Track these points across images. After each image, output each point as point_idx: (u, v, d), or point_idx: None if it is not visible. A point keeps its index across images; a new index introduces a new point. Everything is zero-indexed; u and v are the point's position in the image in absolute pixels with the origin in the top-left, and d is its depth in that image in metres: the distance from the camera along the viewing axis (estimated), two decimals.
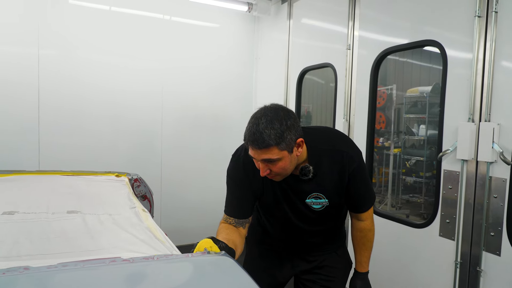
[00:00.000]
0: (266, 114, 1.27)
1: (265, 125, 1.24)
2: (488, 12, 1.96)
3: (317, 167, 1.40)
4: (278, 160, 1.28)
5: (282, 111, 1.29)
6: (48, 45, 3.27)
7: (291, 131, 1.26)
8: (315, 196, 1.45)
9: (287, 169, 1.33)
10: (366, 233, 1.61)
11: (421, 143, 5.52)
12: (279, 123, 1.25)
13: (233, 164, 1.52)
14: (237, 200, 1.51)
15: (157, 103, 3.75)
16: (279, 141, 1.24)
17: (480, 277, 1.99)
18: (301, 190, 1.45)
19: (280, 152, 1.26)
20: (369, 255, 1.65)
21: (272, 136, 1.23)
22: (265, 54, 4.13)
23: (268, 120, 1.25)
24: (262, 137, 1.23)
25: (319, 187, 1.44)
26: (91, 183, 2.16)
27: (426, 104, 5.12)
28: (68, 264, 0.84)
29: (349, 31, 2.89)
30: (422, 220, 4.80)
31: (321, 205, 1.46)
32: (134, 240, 1.29)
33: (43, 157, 3.31)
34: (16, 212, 1.55)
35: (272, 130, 1.23)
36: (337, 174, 1.43)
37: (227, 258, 0.99)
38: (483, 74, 1.99)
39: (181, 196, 3.90)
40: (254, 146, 1.26)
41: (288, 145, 1.26)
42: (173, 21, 3.80)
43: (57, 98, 3.32)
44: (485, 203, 1.97)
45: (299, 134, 1.30)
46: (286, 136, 1.25)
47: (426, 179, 5.17)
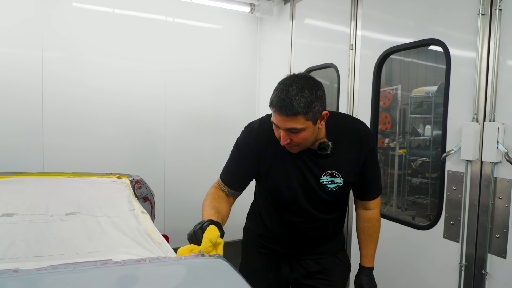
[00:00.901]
0: (296, 81, 1.25)
1: (296, 92, 1.21)
2: (492, 9, 1.92)
3: (336, 144, 1.39)
4: (302, 130, 1.26)
5: (312, 80, 1.28)
6: (52, 48, 3.29)
7: (319, 101, 1.25)
8: (331, 174, 1.41)
9: (308, 140, 1.31)
10: (374, 223, 1.58)
11: (427, 143, 5.47)
12: (309, 92, 1.23)
13: (245, 134, 1.50)
14: (238, 170, 1.48)
15: (160, 105, 3.76)
16: (307, 110, 1.22)
17: (486, 280, 1.95)
18: (316, 167, 1.41)
19: (306, 122, 1.24)
20: (375, 248, 1.62)
21: (301, 104, 1.21)
22: (268, 55, 4.12)
23: (299, 88, 1.22)
24: (291, 103, 1.21)
25: (336, 164, 1.41)
26: (91, 184, 2.16)
27: (431, 104, 5.07)
28: (58, 267, 0.83)
29: (352, 31, 2.86)
30: (428, 221, 4.75)
31: (335, 184, 1.42)
32: (130, 242, 1.28)
33: (47, 159, 3.33)
34: (15, 214, 1.55)
35: (302, 98, 1.21)
36: (355, 152, 1.42)
37: (222, 261, 0.98)
38: (487, 73, 1.95)
39: (184, 197, 3.90)
40: (282, 112, 1.23)
41: (314, 116, 1.25)
42: (176, 23, 3.80)
43: (61, 101, 3.34)
44: (490, 204, 1.93)
45: (324, 106, 1.29)
46: (315, 106, 1.23)
47: (432, 180, 5.11)
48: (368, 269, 1.61)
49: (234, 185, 1.48)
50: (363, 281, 1.59)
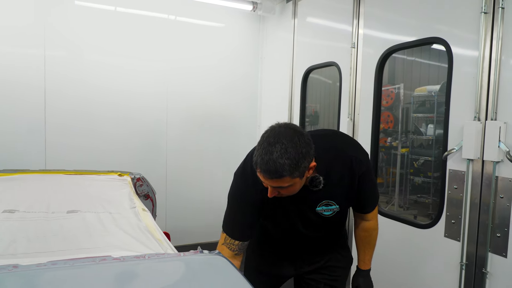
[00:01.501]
0: (280, 140, 1.17)
1: (280, 154, 1.15)
2: (495, 8, 1.91)
3: (327, 176, 1.36)
4: (290, 186, 1.23)
5: (297, 135, 1.20)
6: (54, 47, 3.30)
7: (305, 158, 1.19)
8: (326, 204, 1.42)
9: (296, 191, 1.30)
10: (371, 232, 1.62)
11: (429, 142, 5.45)
12: (295, 151, 1.16)
13: (239, 184, 1.44)
14: (243, 221, 1.44)
15: (162, 104, 3.76)
16: (293, 171, 1.17)
17: (486, 279, 1.95)
18: (311, 199, 1.41)
19: (292, 179, 1.20)
20: (372, 253, 1.66)
21: (286, 168, 1.15)
22: (270, 53, 4.11)
23: (283, 148, 1.15)
24: (275, 167, 1.15)
25: (330, 195, 1.41)
26: (93, 182, 2.17)
27: (434, 103, 5.05)
28: (57, 263, 0.84)
29: (354, 29, 2.85)
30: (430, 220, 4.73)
31: (332, 211, 1.44)
32: (131, 239, 1.29)
33: (50, 157, 3.35)
34: (17, 210, 1.56)
35: (287, 160, 1.15)
36: (347, 180, 1.40)
37: (220, 257, 0.98)
38: (489, 72, 1.94)
39: (186, 196, 3.91)
40: (267, 175, 1.19)
41: (301, 173, 1.21)
42: (178, 21, 3.80)
43: (63, 99, 3.35)
44: (491, 203, 1.92)
45: (311, 158, 1.24)
46: (301, 164, 1.18)
47: (434, 179, 5.09)
48: (365, 271, 1.65)
49: (244, 236, 1.44)
50: (360, 283, 1.64)
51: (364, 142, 2.78)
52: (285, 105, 3.77)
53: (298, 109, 3.60)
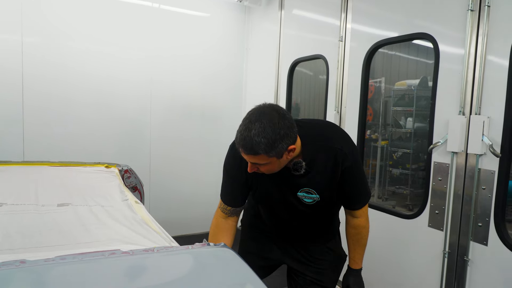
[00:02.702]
0: (260, 119, 1.21)
1: (257, 132, 1.19)
2: (481, 6, 1.98)
3: (311, 163, 1.39)
4: (266, 164, 1.28)
5: (278, 117, 1.23)
6: (32, 31, 3.17)
7: (283, 140, 1.22)
8: (307, 191, 1.45)
9: (274, 170, 1.35)
10: (360, 230, 1.60)
11: (407, 135, 5.61)
12: (272, 132, 1.20)
13: (229, 158, 1.53)
14: (232, 191, 1.56)
15: (146, 92, 3.69)
16: (268, 150, 1.21)
17: (468, 266, 2.04)
18: (293, 183, 1.45)
19: (269, 158, 1.25)
20: (362, 252, 1.65)
21: (262, 146, 1.20)
22: (255, 45, 4.10)
23: (262, 127, 1.20)
24: (251, 144, 1.20)
25: (311, 183, 1.43)
26: (80, 174, 2.12)
27: (413, 97, 5.19)
28: (66, 257, 0.82)
29: (342, 23, 2.88)
30: (408, 211, 4.90)
31: (312, 199, 1.46)
32: (130, 232, 1.27)
33: (28, 147, 3.22)
34: (4, 204, 1.50)
35: (264, 139, 1.19)
36: (330, 171, 1.42)
37: (227, 250, 0.99)
38: (475, 68, 2.01)
39: (170, 186, 3.87)
40: (243, 151, 1.25)
41: (277, 153, 1.24)
42: (162, 9, 3.72)
43: (43, 86, 3.23)
44: (474, 194, 2.01)
45: (292, 141, 1.26)
46: (278, 145, 1.22)
47: (412, 171, 5.26)
48: (355, 270, 1.65)
49: (233, 203, 1.56)
50: (350, 282, 1.63)
51: (350, 135, 2.82)
52: (271, 97, 3.77)
53: (284, 101, 3.61)
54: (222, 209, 1.57)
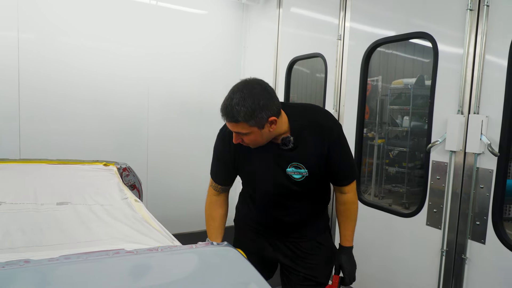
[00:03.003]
0: (242, 89, 1.31)
1: (238, 101, 1.29)
2: (480, 5, 1.98)
3: (298, 138, 1.46)
4: (248, 133, 1.36)
5: (259, 88, 1.33)
6: (29, 27, 3.13)
7: (263, 110, 1.31)
8: (296, 166, 1.49)
9: (258, 142, 1.42)
10: (350, 206, 1.63)
11: (404, 134, 5.64)
12: (252, 101, 1.29)
13: (217, 140, 1.64)
14: (221, 170, 1.65)
15: (143, 89, 3.67)
16: (248, 118, 1.30)
17: (465, 265, 2.06)
18: (283, 159, 1.50)
19: (250, 127, 1.33)
20: (353, 229, 1.68)
21: (241, 114, 1.29)
22: (253, 43, 4.08)
23: (242, 97, 1.29)
24: (232, 112, 1.30)
25: (300, 157, 1.49)
26: (78, 172, 2.10)
27: (410, 96, 5.21)
28: (71, 257, 0.81)
29: (340, 22, 2.88)
30: (404, 209, 4.93)
31: (301, 175, 1.50)
32: (132, 231, 1.26)
33: (24, 144, 3.19)
34: (3, 202, 1.48)
35: (243, 107, 1.28)
36: (318, 145, 1.48)
37: (231, 249, 0.99)
38: (473, 68, 2.02)
39: (167, 184, 3.86)
40: (225, 119, 1.36)
41: (258, 123, 1.32)
42: (159, 6, 3.70)
43: (38, 83, 3.19)
44: (472, 193, 2.02)
45: (272, 113, 1.34)
46: (257, 114, 1.30)
47: (409, 169, 5.29)
48: (347, 248, 1.66)
49: (222, 182, 1.66)
50: (342, 260, 1.65)
51: (349, 133, 2.83)
52: None
53: (282, 99, 3.61)
54: (214, 187, 1.67)
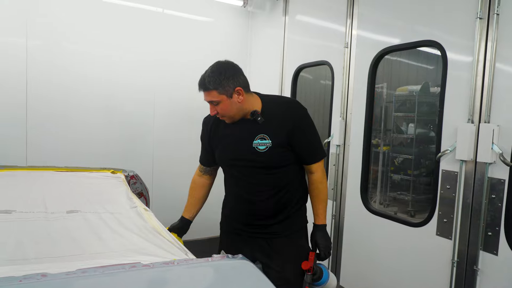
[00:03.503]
0: (213, 65, 1.66)
1: (209, 73, 1.63)
2: (490, 14, 1.98)
3: (268, 114, 1.68)
4: (219, 102, 1.63)
5: (228, 63, 1.68)
6: (37, 35, 3.15)
7: (229, 80, 1.60)
8: (261, 137, 1.68)
9: (230, 111, 1.66)
10: (317, 185, 1.78)
11: (408, 141, 5.61)
12: (219, 72, 1.60)
13: (202, 125, 1.96)
14: (203, 150, 1.98)
15: (149, 96, 3.68)
16: (216, 86, 1.60)
17: (477, 276, 2.03)
18: (250, 132, 1.70)
19: (219, 95, 1.61)
20: (324, 207, 1.81)
21: (211, 82, 1.60)
22: (259, 50, 4.09)
23: (213, 70, 1.63)
24: (204, 81, 1.63)
25: (266, 130, 1.68)
26: (87, 180, 2.09)
27: (415, 103, 5.20)
28: (87, 270, 0.80)
29: (347, 30, 2.88)
30: (409, 217, 4.89)
31: (265, 146, 1.68)
32: (144, 242, 1.25)
33: (31, 151, 3.19)
34: (13, 211, 1.47)
35: (212, 77, 1.60)
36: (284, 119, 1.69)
37: (247, 262, 0.97)
38: (484, 76, 2.01)
39: (173, 191, 3.83)
40: (199, 88, 1.67)
41: (226, 91, 1.60)
42: (165, 14, 3.72)
43: (46, 90, 3.21)
44: (484, 203, 2.00)
45: (238, 83, 1.63)
46: (224, 83, 1.59)
47: (414, 177, 5.25)
48: (320, 226, 1.80)
49: (204, 161, 2.00)
50: (317, 237, 1.78)
51: (356, 141, 2.83)
52: None
53: None
54: (199, 167, 2.03)
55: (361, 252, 2.75)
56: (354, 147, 2.85)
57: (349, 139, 2.90)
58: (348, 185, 2.88)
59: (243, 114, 1.70)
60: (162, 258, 1.02)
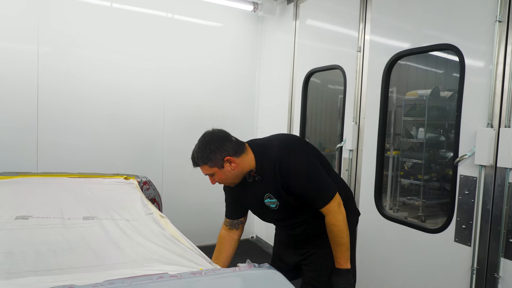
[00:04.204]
0: (199, 140, 1.64)
1: (196, 149, 1.63)
2: (510, 17, 1.95)
3: (261, 172, 1.66)
4: (213, 173, 1.62)
5: (212, 136, 1.63)
6: (48, 42, 3.16)
7: (215, 153, 1.58)
8: (269, 196, 1.68)
9: (226, 179, 1.65)
10: (331, 228, 1.68)
11: (418, 145, 5.55)
12: (204, 147, 1.60)
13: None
14: (228, 204, 1.90)
15: (159, 102, 3.67)
16: (205, 161, 1.59)
17: (498, 284, 1.98)
18: (257, 192, 1.70)
19: (211, 168, 1.61)
20: (341, 251, 1.69)
21: (200, 158, 1.60)
22: (269, 55, 4.08)
23: (199, 145, 1.62)
24: (193, 158, 1.63)
25: (267, 189, 1.67)
26: (100, 186, 2.07)
27: (425, 107, 5.15)
28: (115, 282, 0.77)
29: (360, 34, 2.85)
30: (420, 222, 4.82)
31: (275, 204, 1.68)
32: (164, 251, 1.22)
33: (42, 158, 3.19)
34: (30, 216, 1.46)
35: (200, 153, 1.60)
36: (274, 178, 1.64)
37: (274, 271, 0.94)
38: (503, 80, 1.97)
39: (182, 197, 3.83)
40: (193, 164, 1.65)
41: (216, 163, 1.59)
42: (175, 19, 3.72)
43: (57, 97, 3.22)
44: (504, 209, 1.95)
45: (226, 154, 1.60)
46: (212, 157, 1.58)
47: (424, 181, 5.19)
48: (337, 270, 1.72)
49: (230, 215, 1.89)
50: (333, 281, 1.73)
51: (369, 146, 2.79)
52: (285, 107, 3.75)
53: (299, 111, 3.58)
54: (224, 222, 1.90)
55: (376, 259, 2.70)
56: (368, 152, 2.81)
57: (362, 144, 2.86)
58: (362, 191, 2.84)
59: (242, 176, 1.68)
60: (187, 267, 1.00)
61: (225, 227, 1.89)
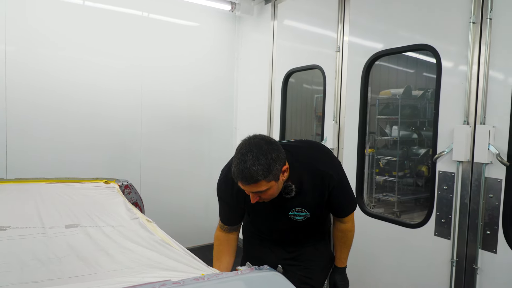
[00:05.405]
0: (251, 150, 1.31)
1: (252, 161, 1.28)
2: (483, 18, 2.03)
3: (300, 185, 1.49)
4: (268, 189, 1.35)
5: (265, 144, 1.34)
6: (16, 40, 3.00)
7: (276, 162, 1.32)
8: (298, 210, 1.55)
9: (275, 193, 1.42)
10: (347, 233, 1.73)
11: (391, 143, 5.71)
12: (265, 158, 1.30)
13: (221, 183, 1.60)
14: (227, 213, 1.66)
15: (136, 102, 3.58)
16: (267, 175, 1.30)
17: (477, 275, 2.06)
18: (284, 206, 1.54)
19: (268, 183, 1.33)
20: (348, 252, 1.79)
21: (260, 172, 1.28)
22: (246, 55, 4.07)
23: (255, 156, 1.29)
24: (250, 173, 1.28)
25: (301, 203, 1.54)
26: (80, 191, 1.99)
27: (398, 106, 5.30)
28: None
29: (339, 35, 2.89)
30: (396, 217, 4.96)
31: (303, 216, 1.57)
32: (158, 255, 1.18)
33: (11, 161, 3.03)
34: (8, 227, 1.37)
35: (259, 166, 1.28)
36: (319, 192, 1.53)
37: (277, 274, 0.93)
38: (478, 79, 2.05)
39: (162, 199, 3.74)
40: (244, 182, 1.31)
41: (275, 176, 1.34)
42: (151, 19, 3.64)
43: (27, 96, 3.05)
44: (481, 202, 2.04)
45: (283, 162, 1.37)
46: (273, 168, 1.31)
47: (399, 178, 5.34)
48: (341, 269, 1.79)
49: (230, 223, 1.68)
50: (336, 279, 1.78)
51: (350, 146, 2.84)
52: (264, 107, 3.74)
53: (279, 112, 3.59)
54: (221, 226, 1.69)
55: (358, 255, 2.74)
56: (348, 150, 2.86)
57: (343, 142, 2.91)
58: None
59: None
60: (186, 273, 0.97)
61: (221, 230, 1.70)
